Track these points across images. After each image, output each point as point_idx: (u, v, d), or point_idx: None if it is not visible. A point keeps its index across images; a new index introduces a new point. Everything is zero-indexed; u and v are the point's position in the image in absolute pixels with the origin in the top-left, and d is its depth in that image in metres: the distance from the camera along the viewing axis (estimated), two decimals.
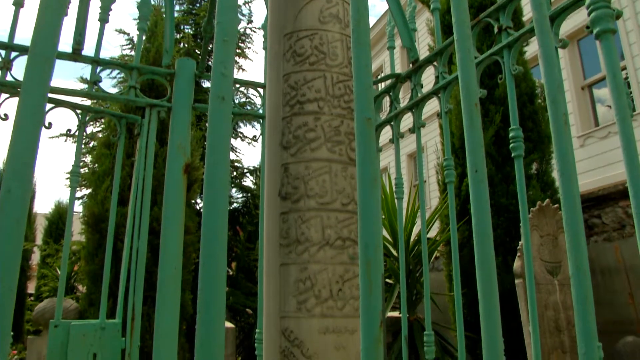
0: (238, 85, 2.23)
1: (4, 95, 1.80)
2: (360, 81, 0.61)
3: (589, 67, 8.79)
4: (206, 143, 0.56)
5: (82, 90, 1.92)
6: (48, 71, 0.53)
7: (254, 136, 2.27)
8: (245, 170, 10.52)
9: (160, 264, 1.55)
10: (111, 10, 2.00)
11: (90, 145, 9.64)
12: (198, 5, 10.71)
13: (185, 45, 9.74)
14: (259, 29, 11.23)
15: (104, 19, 1.97)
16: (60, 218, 14.02)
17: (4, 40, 1.82)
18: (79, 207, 10.66)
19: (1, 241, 0.49)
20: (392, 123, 2.08)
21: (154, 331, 1.53)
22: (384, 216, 5.49)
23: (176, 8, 10.40)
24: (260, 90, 2.18)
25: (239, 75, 11.93)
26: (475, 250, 0.76)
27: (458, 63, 0.77)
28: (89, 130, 9.62)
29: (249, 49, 11.41)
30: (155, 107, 2.01)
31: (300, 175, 1.37)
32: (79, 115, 2.02)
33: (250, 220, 9.54)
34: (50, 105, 1.93)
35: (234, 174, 10.32)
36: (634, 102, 7.72)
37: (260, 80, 2.17)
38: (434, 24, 1.99)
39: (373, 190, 0.58)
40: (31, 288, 13.53)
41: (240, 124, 10.66)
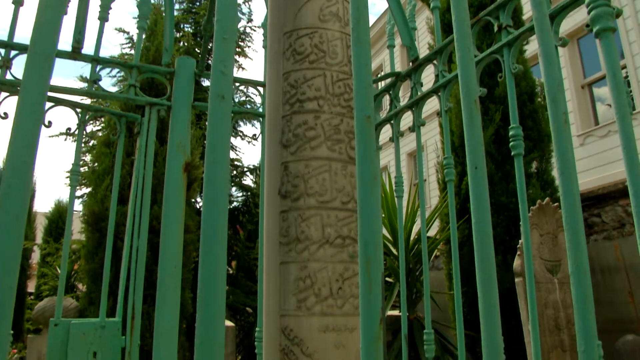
0: (238, 84, 2.22)
1: (3, 94, 1.80)
2: (360, 79, 0.61)
3: (589, 66, 8.79)
4: (206, 141, 0.56)
5: (82, 88, 1.92)
6: (48, 69, 0.53)
7: (254, 135, 2.26)
8: (245, 169, 10.53)
9: (160, 262, 1.55)
10: (111, 8, 2.00)
11: (90, 144, 9.64)
12: (198, 4, 10.71)
13: (185, 44, 9.74)
14: (258, 27, 11.23)
15: (103, 18, 1.97)
16: (60, 217, 14.04)
17: (4, 38, 1.82)
18: (79, 206, 10.68)
19: (1, 238, 0.49)
20: (392, 122, 2.08)
21: (154, 330, 1.53)
22: (383, 215, 5.49)
23: (176, 7, 10.39)
24: (260, 89, 2.17)
25: (239, 74, 11.93)
26: (475, 248, 0.76)
27: (458, 61, 0.76)
28: (88, 129, 9.62)
29: (249, 47, 11.42)
30: (155, 106, 2.01)
31: (300, 174, 1.37)
32: (79, 114, 2.02)
33: (250, 219, 9.54)
34: (50, 104, 1.93)
35: (234, 172, 10.32)
36: (633, 101, 7.72)
37: (260, 79, 2.17)
38: (433, 22, 1.99)
39: (373, 188, 0.58)
40: (31, 287, 13.55)
41: (240, 123, 10.67)
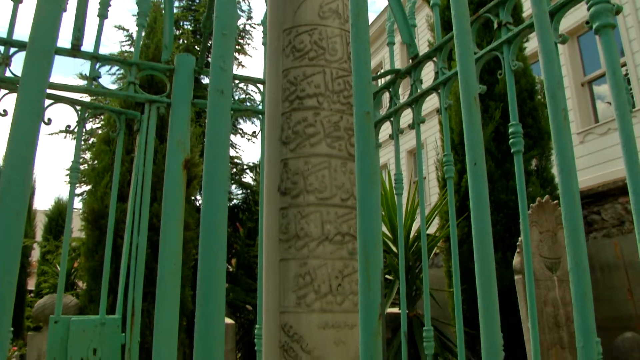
0: (237, 81, 2.22)
1: (3, 91, 1.80)
2: (359, 75, 0.61)
3: (589, 64, 8.78)
4: (205, 137, 0.56)
5: (81, 86, 1.92)
6: (47, 65, 0.53)
7: (254, 132, 2.26)
8: (245, 167, 10.53)
9: (160, 260, 1.55)
10: (110, 5, 1.99)
11: (90, 141, 9.64)
12: (197, 1, 10.69)
13: (185, 41, 9.73)
14: (258, 25, 11.21)
15: (103, 15, 1.97)
16: (60, 215, 14.05)
17: (3, 36, 1.82)
18: (78, 204, 10.68)
19: (1, 234, 0.49)
20: (392, 119, 2.08)
21: (154, 327, 1.53)
22: (383, 212, 5.48)
23: (175, 4, 10.37)
24: (260, 86, 2.17)
25: (239, 71, 11.91)
26: (474, 245, 0.76)
27: (457, 57, 0.76)
28: (88, 127, 9.62)
29: (249, 45, 11.39)
30: (155, 103, 2.01)
31: (299, 171, 1.37)
32: (79, 111, 2.02)
33: (250, 217, 9.55)
34: (50, 101, 1.93)
35: (234, 170, 10.32)
36: (633, 99, 7.71)
37: (260, 76, 2.16)
38: (433, 19, 1.98)
39: (372, 184, 0.58)
40: (31, 285, 13.56)
41: (240, 120, 10.66)
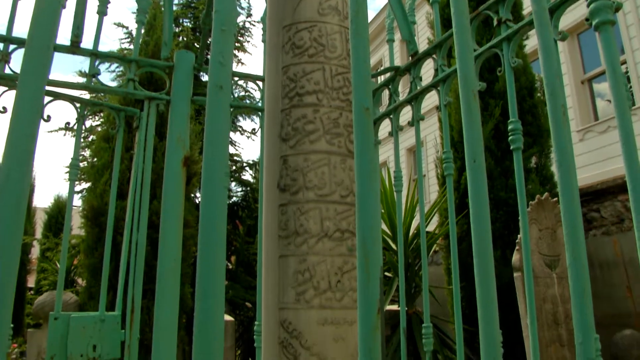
0: (237, 78, 2.22)
1: (2, 88, 1.80)
2: (358, 72, 0.61)
3: (589, 62, 8.77)
4: (204, 132, 0.56)
5: (81, 83, 1.91)
6: (47, 59, 0.53)
7: (253, 129, 2.26)
8: (244, 164, 10.52)
9: (159, 257, 1.55)
10: (109, 3, 1.99)
11: (90, 139, 9.64)
12: None
13: (184, 38, 9.72)
14: (258, 22, 11.19)
15: (102, 12, 1.96)
16: (59, 212, 14.06)
17: (2, 32, 1.82)
18: (78, 201, 10.68)
19: (1, 226, 0.49)
20: (391, 116, 2.08)
21: (154, 324, 1.54)
22: (383, 210, 5.49)
23: (175, 1, 10.35)
24: (260, 84, 2.17)
25: (238, 69, 11.89)
26: (473, 242, 0.77)
27: (457, 53, 0.76)
28: (87, 124, 9.61)
29: (248, 42, 11.38)
30: (154, 100, 2.01)
31: (299, 167, 1.37)
32: (78, 108, 2.02)
33: (250, 214, 9.55)
34: (49, 98, 1.93)
35: (234, 167, 10.32)
36: (633, 97, 7.71)
37: (260, 74, 2.16)
38: (433, 17, 1.98)
39: (371, 179, 0.58)
40: (31, 282, 13.58)
41: (240, 118, 10.66)
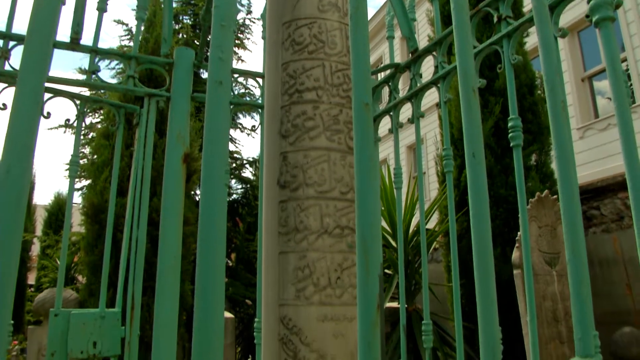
0: (237, 75, 2.22)
1: (2, 85, 1.79)
2: (358, 67, 0.61)
3: (589, 59, 8.77)
4: (204, 128, 0.56)
5: (81, 79, 1.91)
6: (46, 53, 0.53)
7: (253, 126, 2.26)
8: (244, 161, 10.53)
9: (159, 254, 1.55)
10: None
11: (90, 136, 9.64)
12: None
13: (184, 35, 9.71)
14: (258, 19, 11.18)
15: (102, 8, 1.96)
16: (59, 209, 14.06)
17: (2, 29, 1.81)
18: (78, 199, 10.69)
19: (1, 222, 0.49)
20: (391, 113, 2.08)
21: (154, 321, 1.54)
22: (383, 207, 5.49)
23: None
24: (259, 80, 2.17)
25: (238, 66, 11.87)
26: (472, 237, 0.77)
27: (456, 48, 0.76)
28: (87, 122, 9.62)
29: (248, 39, 11.37)
30: (154, 97, 2.00)
31: (299, 164, 1.37)
32: (78, 105, 2.02)
33: (250, 212, 9.56)
34: (49, 95, 1.92)
35: (234, 165, 10.32)
36: (633, 95, 7.70)
37: (260, 71, 2.16)
38: (433, 14, 1.98)
39: (371, 174, 0.58)
40: (31, 279, 13.59)
41: (240, 115, 10.66)
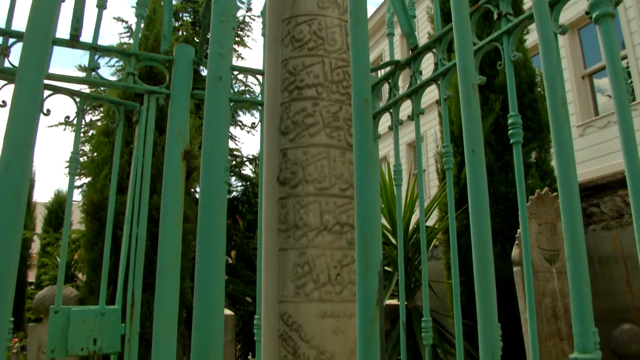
0: (237, 72, 2.22)
1: (1, 82, 1.79)
2: (357, 63, 0.61)
3: (589, 57, 8.76)
4: (203, 123, 0.56)
5: (81, 77, 1.91)
6: (46, 49, 0.53)
7: (253, 123, 2.26)
8: (244, 159, 10.53)
9: (159, 251, 1.55)
10: None
11: (90, 134, 9.64)
12: None
13: (184, 33, 9.70)
14: (257, 16, 11.17)
15: (102, 5, 1.96)
16: (59, 207, 14.07)
17: (2, 26, 1.81)
18: (78, 196, 10.70)
19: (1, 219, 0.49)
20: (391, 110, 2.08)
21: (154, 318, 1.54)
22: (383, 205, 5.49)
23: None
24: (259, 78, 2.17)
25: (238, 63, 11.86)
26: (472, 234, 0.77)
27: (456, 44, 0.76)
28: (87, 119, 9.61)
29: (248, 37, 11.36)
30: (154, 94, 2.00)
31: (298, 161, 1.37)
32: (78, 102, 2.02)
33: (250, 209, 9.57)
34: (49, 92, 1.92)
35: (233, 162, 10.32)
36: (634, 92, 7.69)
37: (260, 68, 2.16)
38: (434, 11, 1.98)
39: (370, 171, 0.58)
40: (31, 277, 13.60)
41: (240, 112, 10.65)
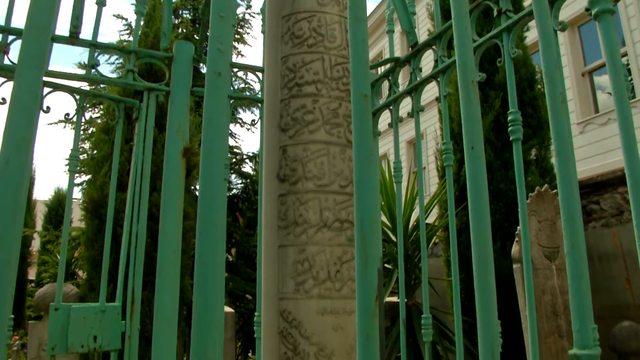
0: (236, 69, 2.21)
1: (1, 79, 1.79)
2: (357, 58, 0.61)
3: (589, 54, 8.75)
4: (203, 119, 0.56)
5: (80, 74, 1.91)
6: (45, 46, 0.52)
7: (253, 121, 2.26)
8: (244, 156, 10.53)
9: (159, 249, 1.55)
10: None
11: (89, 131, 9.64)
12: None
13: (184, 30, 9.69)
14: (257, 14, 11.15)
15: (101, 2, 1.95)
16: (59, 204, 14.09)
17: (1, 23, 1.81)
18: (78, 194, 10.70)
19: (1, 216, 0.49)
20: (391, 107, 2.07)
21: (154, 316, 1.54)
22: (383, 202, 5.49)
23: None
24: (259, 75, 2.17)
25: (238, 61, 11.85)
26: (471, 230, 0.77)
27: (455, 40, 0.76)
28: (87, 116, 9.61)
29: (248, 34, 11.34)
30: (154, 91, 2.00)
31: (298, 157, 1.37)
32: (77, 99, 2.01)
33: (250, 206, 9.57)
34: (48, 89, 1.92)
35: (234, 160, 10.32)
36: (634, 89, 7.69)
37: (260, 66, 2.16)
38: (433, 8, 1.97)
39: (370, 167, 0.58)
40: (32, 274, 13.63)
41: (240, 110, 10.64)
